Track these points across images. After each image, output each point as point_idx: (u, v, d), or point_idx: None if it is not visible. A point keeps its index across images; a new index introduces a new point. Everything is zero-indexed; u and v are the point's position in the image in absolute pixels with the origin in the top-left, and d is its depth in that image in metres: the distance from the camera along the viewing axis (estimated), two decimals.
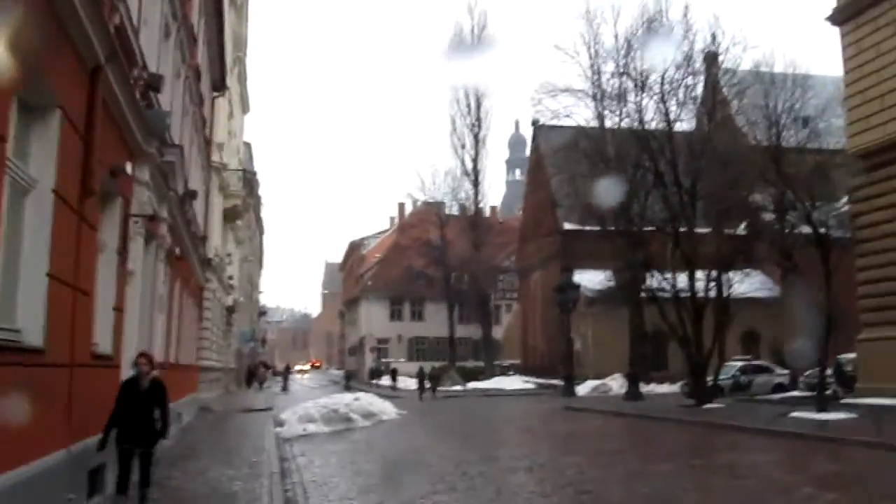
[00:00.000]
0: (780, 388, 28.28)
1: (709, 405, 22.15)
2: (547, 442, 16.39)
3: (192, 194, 14.85)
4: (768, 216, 29.41)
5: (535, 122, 54.50)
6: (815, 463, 11.52)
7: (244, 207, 34.91)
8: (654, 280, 26.14)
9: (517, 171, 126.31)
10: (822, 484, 9.46)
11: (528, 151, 67.27)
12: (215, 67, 25.15)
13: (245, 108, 44.33)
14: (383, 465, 11.98)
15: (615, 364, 37.24)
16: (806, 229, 26.64)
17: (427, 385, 33.86)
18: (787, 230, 29.04)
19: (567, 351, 37.00)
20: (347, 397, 22.06)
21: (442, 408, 28.04)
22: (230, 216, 32.84)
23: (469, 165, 50.97)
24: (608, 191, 38.33)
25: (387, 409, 22.05)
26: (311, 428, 18.09)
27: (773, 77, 28.40)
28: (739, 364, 29.76)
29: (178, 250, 13.62)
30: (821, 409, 17.79)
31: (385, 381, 49.47)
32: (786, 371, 29.51)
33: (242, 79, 40.43)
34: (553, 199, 47.19)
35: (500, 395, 35.73)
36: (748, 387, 27.95)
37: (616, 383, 35.79)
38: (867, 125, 22.36)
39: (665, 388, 33.86)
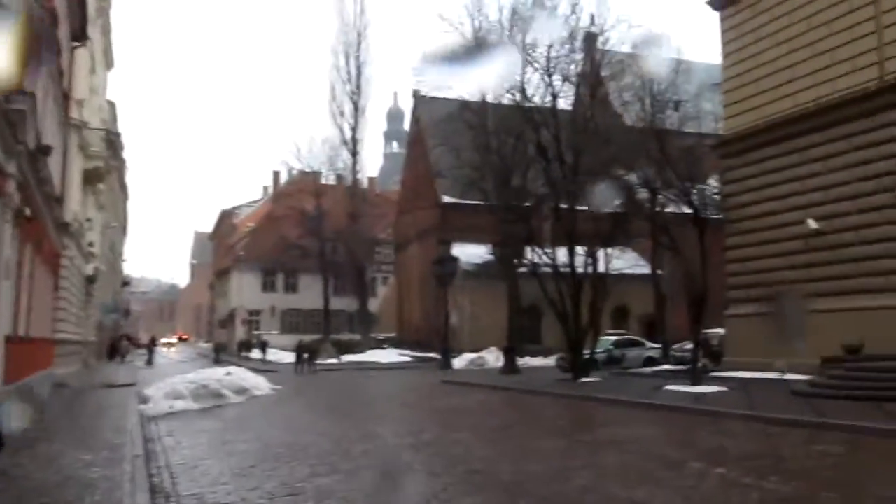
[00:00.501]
0: (651, 361, 29.15)
1: (585, 379, 22.45)
2: (430, 418, 15.96)
3: (45, 150, 13.38)
4: (643, 194, 30.11)
5: (415, 93, 53.96)
6: (699, 437, 11.62)
7: (106, 170, 32.68)
8: (534, 255, 26.21)
9: (395, 144, 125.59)
10: (708, 458, 9.45)
11: (406, 124, 66.81)
12: (75, 15, 23.09)
13: (109, 63, 41.47)
14: (259, 446, 11.19)
15: (491, 337, 37.46)
16: (675, 208, 27.52)
17: (305, 357, 32.85)
18: (658, 209, 29.91)
19: (444, 324, 36.87)
20: (218, 372, 20.84)
21: (318, 382, 27.23)
22: (91, 178, 30.63)
23: (348, 134, 49.93)
24: (489, 163, 38.35)
25: (260, 384, 21.08)
26: (179, 405, 16.95)
27: (650, 60, 28.95)
28: (613, 338, 30.44)
29: (28, 211, 12.23)
30: (694, 383, 18.27)
31: (256, 354, 48.06)
32: (657, 345, 30.43)
33: (107, 31, 37.71)
34: (433, 171, 46.86)
35: (377, 369, 35.21)
36: (621, 360, 28.63)
37: (492, 356, 35.99)
38: (743, 108, 23.08)
39: (539, 362, 34.32)
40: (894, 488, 7.93)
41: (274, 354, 46.10)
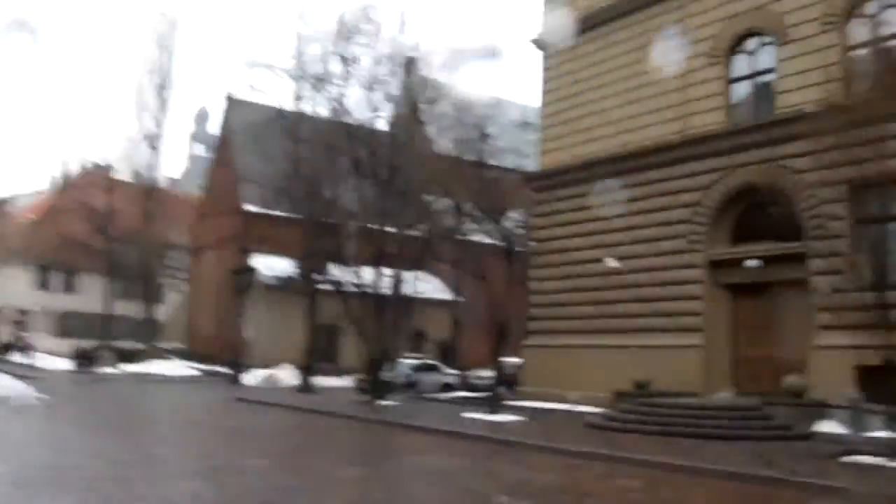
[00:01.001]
0: (447, 387, 29.24)
1: (383, 402, 21.99)
2: (221, 439, 14.69)
3: None
4: (450, 221, 30.35)
5: (228, 96, 51.71)
6: (502, 468, 11.42)
7: None
8: (338, 272, 25.53)
9: (202, 147, 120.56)
10: (513, 492, 9.23)
11: (215, 127, 63.72)
12: None
13: None
14: (12, 468, 9.61)
15: (286, 354, 36.13)
16: (481, 238, 27.97)
17: (92, 367, 29.77)
18: (463, 237, 30.26)
19: (237, 338, 35.26)
20: None
21: (95, 392, 24.86)
22: None
23: (151, 129, 46.61)
24: (300, 174, 37.27)
25: (21, 390, 18.81)
26: None
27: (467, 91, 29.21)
28: (413, 362, 30.26)
29: None
30: (493, 411, 18.32)
31: (20, 357, 43.47)
32: (454, 371, 30.62)
33: None
34: (237, 177, 44.98)
35: (162, 382, 32.82)
36: (416, 384, 28.47)
37: (286, 374, 34.69)
38: (558, 145, 23.88)
39: (335, 382, 33.51)
40: None
41: (44, 360, 41.90)
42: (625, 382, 19.16)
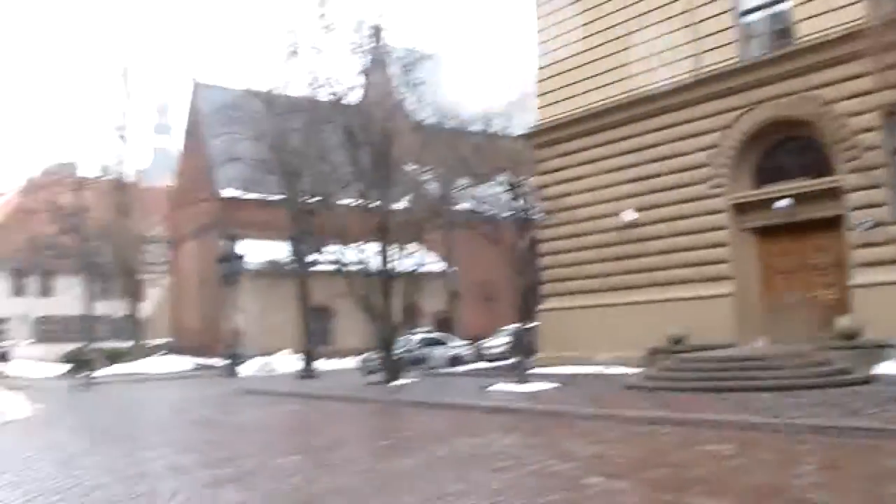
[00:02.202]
0: (455, 360, 28.12)
1: (397, 381, 20.85)
2: (241, 438, 13.22)
3: None
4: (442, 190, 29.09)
5: (193, 80, 49.75)
6: (567, 443, 10.27)
7: None
8: (335, 250, 24.15)
9: (165, 139, 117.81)
10: (601, 471, 8.15)
11: (178, 116, 61.69)
12: None
13: None
14: (21, 493, 8.33)
15: (279, 340, 34.94)
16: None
17: (86, 371, 27.39)
18: (451, 206, 29.00)
19: (231, 328, 33.95)
20: None
21: (91, 399, 23.40)
22: None
23: (117, 119, 44.49)
24: (279, 154, 35.82)
25: (16, 403, 17.41)
26: None
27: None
28: (419, 336, 29.08)
29: None
30: (522, 380, 17.24)
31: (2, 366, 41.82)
32: (461, 343, 29.48)
33: None
34: (210, 162, 43.28)
35: (156, 380, 31.40)
36: (425, 360, 27.28)
37: (280, 361, 33.43)
38: (557, 98, 22.68)
39: (333, 365, 32.34)
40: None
41: (27, 367, 40.32)
42: (655, 339, 18.19)
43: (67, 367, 39.20)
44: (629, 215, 20.32)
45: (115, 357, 39.88)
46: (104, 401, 22.26)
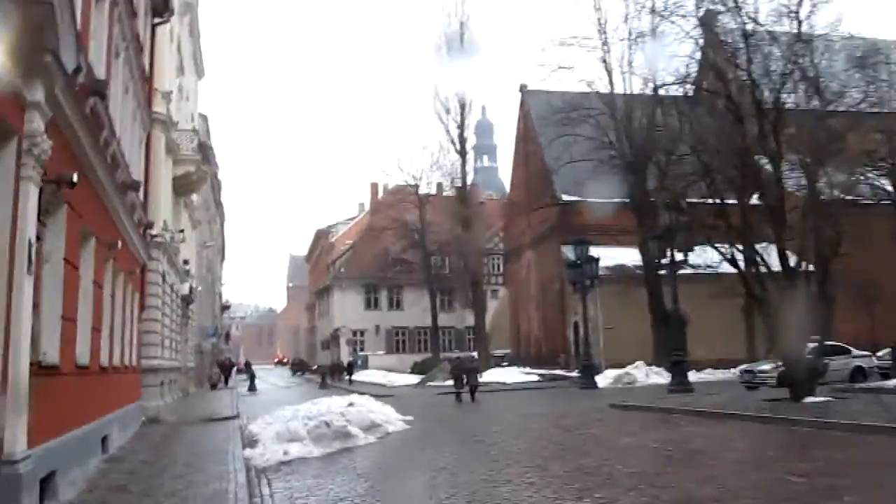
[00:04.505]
0: (857, 372, 23.24)
1: (811, 398, 16.97)
2: (678, 471, 10.08)
3: (99, 85, 9.24)
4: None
5: (522, 87, 49.32)
6: None
7: (199, 177, 29.02)
8: (730, 249, 20.72)
9: (485, 158, 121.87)
10: None
11: (496, 137, 62.19)
12: None
13: (200, 72, 38.34)
14: None
15: (630, 350, 32.33)
16: None
17: (465, 382, 24.96)
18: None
19: (584, 337, 32.16)
20: (338, 403, 15.90)
21: (458, 410, 22.65)
22: (182, 187, 27.09)
23: (455, 133, 45.09)
24: (622, 154, 33.55)
25: (391, 415, 16.66)
26: (295, 450, 12.62)
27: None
28: (814, 344, 24.26)
29: (75, 176, 8.09)
30: None
31: (359, 377, 43.96)
32: (862, 352, 24.51)
33: (195, 34, 34.51)
34: (548, 167, 42.10)
35: (508, 390, 30.36)
36: (823, 372, 22.60)
37: (639, 372, 30.77)
38: None
39: (694, 377, 28.86)
40: None
41: (384, 376, 41.98)
42: None
43: (418, 377, 40.27)
44: None
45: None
46: (469, 414, 21.23)
